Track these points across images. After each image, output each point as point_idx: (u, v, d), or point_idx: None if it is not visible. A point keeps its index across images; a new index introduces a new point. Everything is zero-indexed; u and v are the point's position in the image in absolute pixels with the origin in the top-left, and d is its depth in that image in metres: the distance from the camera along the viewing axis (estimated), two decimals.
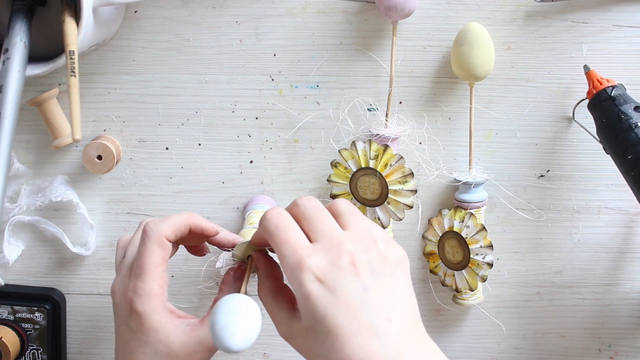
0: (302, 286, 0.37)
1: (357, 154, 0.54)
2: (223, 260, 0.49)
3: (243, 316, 0.39)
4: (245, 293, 0.43)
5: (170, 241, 0.46)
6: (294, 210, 0.41)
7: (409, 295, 0.40)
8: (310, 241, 0.39)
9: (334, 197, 0.56)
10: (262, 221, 0.41)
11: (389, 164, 0.53)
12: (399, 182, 0.53)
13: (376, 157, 0.53)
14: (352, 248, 0.38)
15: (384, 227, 0.55)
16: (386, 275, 0.39)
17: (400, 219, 0.55)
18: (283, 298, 0.42)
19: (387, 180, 0.53)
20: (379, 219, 0.55)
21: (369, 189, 0.54)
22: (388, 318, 0.38)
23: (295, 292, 0.38)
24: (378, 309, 0.37)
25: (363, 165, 0.54)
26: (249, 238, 0.46)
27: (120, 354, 0.47)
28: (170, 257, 0.48)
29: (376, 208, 0.55)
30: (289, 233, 0.39)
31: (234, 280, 0.48)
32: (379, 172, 0.53)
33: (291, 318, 0.41)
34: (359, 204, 0.55)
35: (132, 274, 0.46)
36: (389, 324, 0.37)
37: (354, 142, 0.54)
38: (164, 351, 0.45)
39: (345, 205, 0.42)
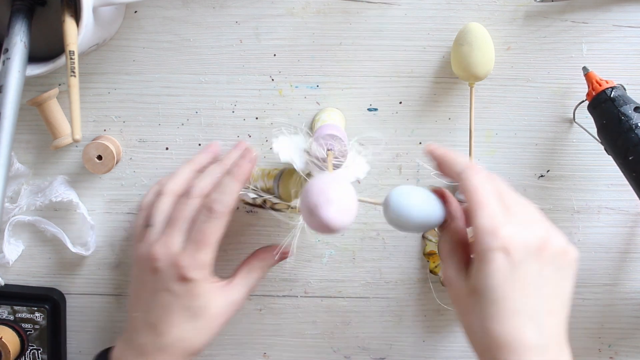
0: (489, 251, 0.39)
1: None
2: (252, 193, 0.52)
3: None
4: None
5: None
6: (490, 182, 0.43)
7: (569, 296, 0.41)
8: None
9: None
10: (471, 175, 0.42)
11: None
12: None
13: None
14: (544, 233, 0.41)
15: None
16: (563, 270, 0.41)
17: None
18: (460, 253, 0.44)
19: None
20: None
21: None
22: (551, 310, 0.40)
23: (476, 252, 0.40)
24: (547, 299, 0.39)
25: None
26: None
27: (154, 318, 0.49)
28: None
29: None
30: (491, 199, 0.41)
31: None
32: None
33: (459, 272, 0.43)
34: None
35: (190, 243, 0.49)
36: (550, 317, 0.40)
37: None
38: (205, 313, 0.49)
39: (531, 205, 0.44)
